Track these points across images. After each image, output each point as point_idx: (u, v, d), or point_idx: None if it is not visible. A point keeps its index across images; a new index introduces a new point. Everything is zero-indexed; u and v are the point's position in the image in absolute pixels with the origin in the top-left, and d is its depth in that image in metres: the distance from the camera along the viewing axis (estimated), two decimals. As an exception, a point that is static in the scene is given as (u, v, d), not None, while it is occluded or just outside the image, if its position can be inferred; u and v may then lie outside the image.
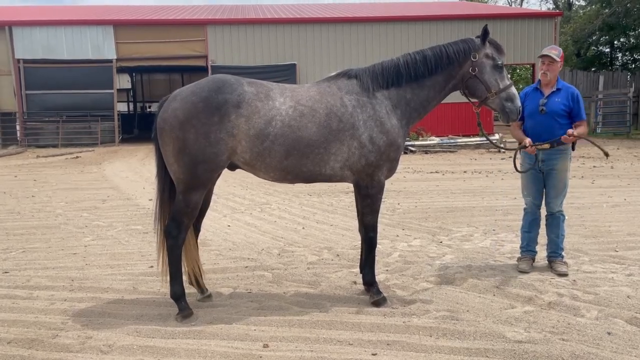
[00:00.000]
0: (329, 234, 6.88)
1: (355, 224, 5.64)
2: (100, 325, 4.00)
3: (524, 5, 48.57)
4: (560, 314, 4.09)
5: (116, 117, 23.52)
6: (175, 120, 3.95)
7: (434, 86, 4.43)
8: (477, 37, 4.46)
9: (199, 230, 4.61)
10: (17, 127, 22.90)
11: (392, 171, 4.42)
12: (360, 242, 4.73)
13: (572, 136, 4.83)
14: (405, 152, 17.49)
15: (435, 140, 19.63)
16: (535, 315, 4.07)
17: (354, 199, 4.66)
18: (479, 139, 19.35)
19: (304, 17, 24.65)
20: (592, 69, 33.06)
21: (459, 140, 19.74)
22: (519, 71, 37.46)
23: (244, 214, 8.36)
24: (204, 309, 4.32)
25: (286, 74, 22.83)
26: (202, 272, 4.59)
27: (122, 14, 25.79)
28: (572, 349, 3.48)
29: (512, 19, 24.63)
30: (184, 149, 3.94)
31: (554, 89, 5.09)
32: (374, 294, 4.39)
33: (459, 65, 4.40)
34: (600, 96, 24.81)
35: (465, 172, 13.09)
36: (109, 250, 6.26)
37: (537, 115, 5.05)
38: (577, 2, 40.61)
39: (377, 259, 4.79)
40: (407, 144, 17.88)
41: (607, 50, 38.32)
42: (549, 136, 4.96)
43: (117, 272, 5.36)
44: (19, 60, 22.72)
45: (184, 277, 4.33)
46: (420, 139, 19.84)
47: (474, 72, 4.36)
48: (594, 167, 13.33)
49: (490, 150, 18.21)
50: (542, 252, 5.41)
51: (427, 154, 18.29)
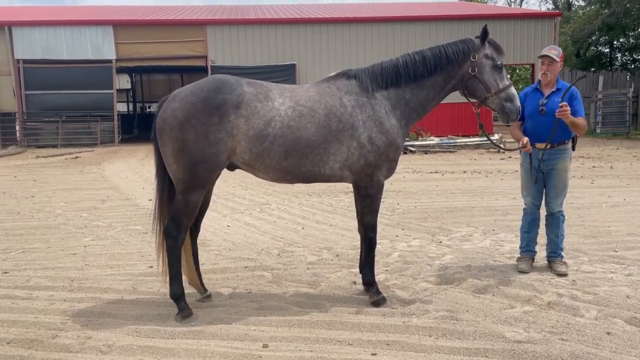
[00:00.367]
0: (328, 234, 6.89)
1: (354, 224, 5.64)
2: (99, 325, 4.00)
3: (524, 5, 48.61)
4: (559, 314, 4.10)
5: (116, 117, 23.54)
6: (174, 120, 3.96)
7: (434, 86, 4.43)
8: (477, 37, 4.46)
9: (198, 230, 4.61)
10: (17, 128, 22.91)
11: (391, 171, 4.42)
12: (359, 242, 4.73)
13: (563, 109, 4.69)
14: (404, 152, 17.50)
15: (434, 140, 19.64)
16: (534, 315, 4.07)
17: (354, 199, 4.66)
18: (478, 139, 19.36)
19: (303, 18, 24.66)
20: (592, 69, 33.09)
21: (459, 140, 19.76)
22: (518, 71, 37.49)
23: (243, 214, 8.36)
24: (204, 309, 4.33)
25: (286, 74, 22.84)
26: (191, 272, 4.51)
27: (121, 14, 25.79)
28: (572, 349, 3.48)
29: (512, 19, 24.65)
30: (184, 149, 3.94)
31: (554, 89, 5.09)
32: (374, 294, 4.39)
33: (458, 65, 4.40)
34: (599, 96, 24.83)
35: (464, 172, 13.10)
36: (108, 250, 6.26)
37: (537, 115, 5.05)
38: (576, 3, 40.66)
39: (376, 259, 4.80)
40: (407, 144, 17.89)
41: (607, 50, 38.35)
42: (548, 137, 4.95)
43: (116, 273, 5.36)
44: (18, 60, 22.73)
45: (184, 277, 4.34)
46: (419, 139, 19.85)
47: (474, 72, 4.36)
48: (594, 167, 13.33)
49: (489, 150, 18.21)
50: (541, 252, 5.42)
51: (426, 154, 18.29)
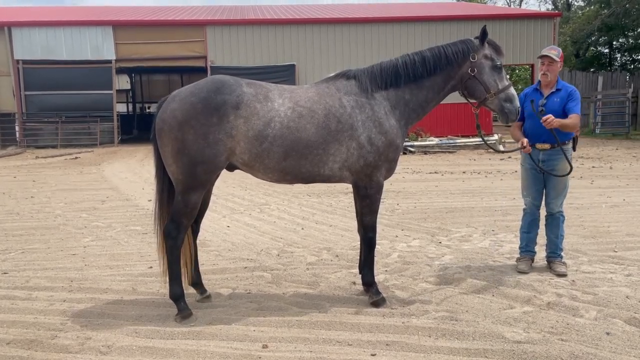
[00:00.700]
0: (328, 235, 6.88)
1: (354, 224, 5.64)
2: (99, 326, 4.00)
3: (523, 5, 48.65)
4: (559, 314, 4.10)
5: (115, 117, 23.53)
6: (174, 120, 3.96)
7: (433, 87, 4.43)
8: (476, 37, 4.47)
9: (197, 230, 4.61)
10: (16, 128, 22.91)
11: (390, 172, 4.42)
12: (359, 243, 4.73)
13: (548, 121, 4.69)
14: (404, 153, 17.51)
15: (434, 140, 19.65)
16: (534, 315, 4.07)
17: (353, 199, 4.66)
18: (478, 139, 19.35)
19: (303, 18, 24.66)
20: (591, 70, 33.12)
21: (458, 140, 19.77)
22: (518, 72, 37.53)
23: (243, 214, 8.36)
24: (203, 309, 4.32)
25: (285, 74, 22.84)
26: (191, 270, 4.51)
27: (121, 15, 25.78)
28: (571, 349, 3.48)
29: (511, 20, 24.66)
30: (183, 150, 3.94)
31: (554, 90, 5.09)
32: (373, 294, 4.39)
33: (458, 66, 4.40)
34: (599, 97, 24.85)
35: (464, 172, 13.11)
36: (108, 251, 6.25)
37: (537, 116, 5.04)
38: (576, 3, 40.70)
39: (376, 259, 4.80)
40: (406, 144, 17.89)
41: (606, 50, 38.40)
42: (548, 137, 4.95)
43: (116, 273, 5.35)
44: (18, 61, 22.73)
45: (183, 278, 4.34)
46: (419, 139, 19.85)
47: (473, 72, 4.37)
48: (593, 167, 13.34)
49: (489, 151, 18.21)
50: (541, 253, 5.42)
51: (426, 154, 18.30)
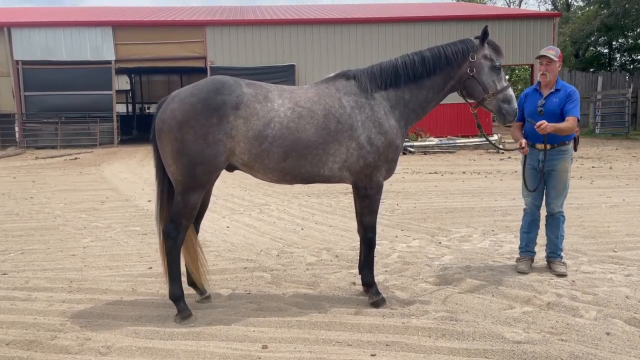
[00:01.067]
0: (328, 235, 6.88)
1: (354, 224, 5.64)
2: (99, 326, 3.99)
3: (523, 6, 48.66)
4: (559, 314, 4.10)
5: (115, 118, 23.53)
6: (173, 121, 3.95)
7: (433, 87, 4.43)
8: (476, 37, 4.47)
9: (197, 231, 4.60)
10: (16, 129, 22.92)
11: (390, 172, 4.42)
12: (359, 243, 4.73)
13: (541, 128, 4.73)
14: (404, 153, 17.51)
15: (434, 141, 19.66)
16: (534, 315, 4.07)
17: (353, 199, 4.66)
18: (477, 139, 19.38)
19: (302, 19, 24.67)
20: (591, 70, 33.13)
21: (458, 141, 19.78)
22: (517, 72, 37.54)
23: (242, 215, 8.35)
24: (203, 310, 4.32)
25: (285, 75, 22.86)
26: (201, 272, 4.54)
27: (121, 15, 25.78)
28: (571, 349, 3.48)
29: (511, 20, 24.68)
30: (183, 150, 3.94)
31: (553, 90, 5.09)
32: (373, 294, 4.38)
33: (457, 65, 4.40)
34: (598, 97, 24.85)
35: (464, 172, 13.10)
36: (107, 251, 6.25)
37: (536, 116, 5.04)
38: (575, 3, 40.70)
39: (376, 259, 4.80)
40: (406, 144, 17.89)
41: (606, 50, 38.40)
42: (547, 137, 4.95)
43: (116, 274, 5.35)
44: (17, 61, 22.73)
45: (183, 278, 4.33)
46: (419, 139, 19.87)
47: (472, 72, 4.37)
48: (593, 167, 13.34)
49: (489, 151, 18.22)
50: (541, 253, 5.42)
51: (426, 154, 18.30)
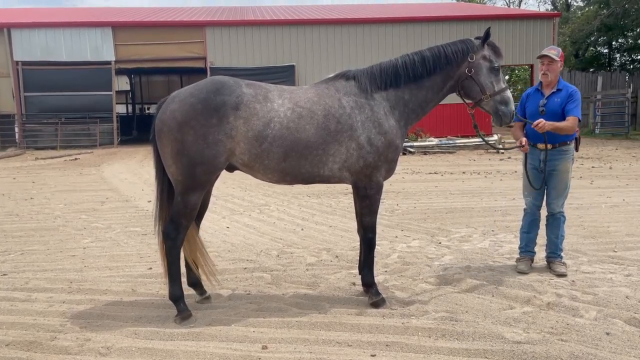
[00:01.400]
0: (327, 235, 6.88)
1: (354, 225, 5.64)
2: (99, 327, 3.99)
3: (522, 6, 48.66)
4: (559, 314, 4.09)
5: (115, 118, 23.52)
6: (173, 121, 3.95)
7: (433, 87, 4.43)
8: (477, 38, 4.47)
9: (197, 231, 4.59)
10: (16, 129, 22.92)
11: (390, 172, 4.42)
12: (359, 243, 4.73)
13: (539, 127, 4.75)
14: (404, 153, 17.51)
15: (434, 141, 19.65)
16: (534, 315, 4.07)
17: (353, 200, 4.66)
18: (477, 140, 19.35)
19: (302, 19, 24.67)
20: (591, 70, 33.13)
21: (458, 141, 19.77)
22: (517, 72, 37.55)
23: (242, 215, 8.35)
24: (203, 310, 4.32)
25: (285, 75, 22.85)
26: (206, 268, 4.52)
27: (120, 16, 25.78)
28: (571, 349, 3.48)
29: (511, 20, 24.67)
30: (182, 151, 3.94)
31: (554, 90, 5.09)
32: (373, 295, 4.38)
33: (456, 65, 4.40)
34: (598, 97, 24.85)
35: (464, 173, 13.10)
36: (107, 252, 6.25)
37: (538, 116, 5.03)
38: (575, 3, 40.69)
39: (376, 260, 4.80)
40: (406, 144, 17.89)
41: (606, 51, 38.39)
42: (548, 137, 4.95)
43: (115, 274, 5.35)
44: (17, 62, 22.71)
45: (183, 279, 4.33)
46: (419, 139, 19.86)
47: (470, 73, 4.37)
48: (593, 167, 13.34)
49: (489, 151, 18.22)
50: (541, 253, 5.42)
51: (425, 154, 18.30)
